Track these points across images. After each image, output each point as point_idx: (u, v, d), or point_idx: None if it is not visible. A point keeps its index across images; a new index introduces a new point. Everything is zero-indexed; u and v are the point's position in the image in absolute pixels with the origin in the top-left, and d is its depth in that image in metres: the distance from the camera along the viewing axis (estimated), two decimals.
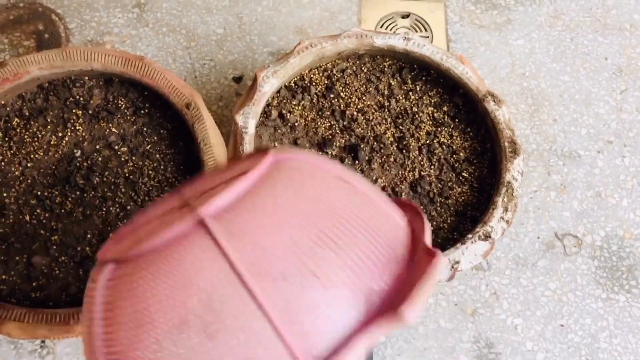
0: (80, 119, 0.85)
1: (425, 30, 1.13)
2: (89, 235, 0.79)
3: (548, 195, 1.01)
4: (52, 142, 0.83)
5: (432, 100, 0.90)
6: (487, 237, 0.77)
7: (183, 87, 0.82)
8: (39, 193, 0.80)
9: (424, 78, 0.91)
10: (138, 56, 0.83)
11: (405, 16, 1.14)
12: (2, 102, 0.84)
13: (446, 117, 0.89)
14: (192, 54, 1.07)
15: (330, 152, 0.85)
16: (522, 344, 0.90)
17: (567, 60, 1.12)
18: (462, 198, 0.84)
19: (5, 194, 0.80)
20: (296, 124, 0.87)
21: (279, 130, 0.87)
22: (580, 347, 0.90)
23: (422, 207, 0.83)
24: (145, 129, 0.84)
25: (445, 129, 0.88)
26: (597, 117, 1.07)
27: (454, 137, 0.87)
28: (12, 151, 0.82)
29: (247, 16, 1.12)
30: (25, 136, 0.83)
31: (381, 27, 1.12)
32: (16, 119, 0.84)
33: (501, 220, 0.79)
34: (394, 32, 1.10)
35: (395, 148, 0.86)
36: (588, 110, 1.08)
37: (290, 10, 1.13)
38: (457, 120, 0.89)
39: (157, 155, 0.83)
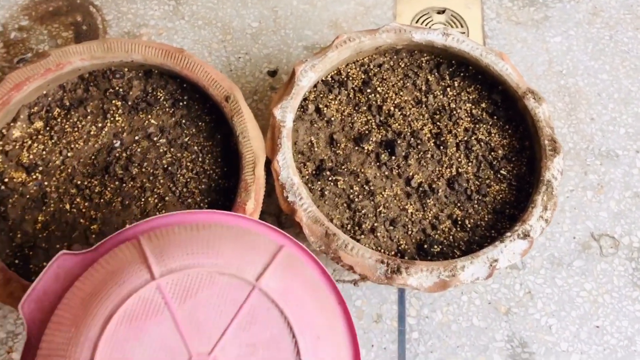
0: (120, 110, 0.85)
1: (461, 26, 1.12)
2: (127, 225, 0.79)
3: (584, 195, 0.99)
4: (92, 132, 0.84)
5: (470, 97, 0.89)
6: (526, 235, 0.77)
7: (222, 80, 0.83)
8: (78, 182, 0.82)
9: (462, 74, 0.90)
10: (178, 49, 0.84)
11: (441, 12, 1.13)
12: (44, 92, 0.85)
13: (484, 113, 0.88)
14: (228, 47, 1.08)
15: (366, 147, 0.85)
16: (556, 344, 0.89)
17: (605, 58, 1.10)
18: (500, 196, 0.83)
19: (46, 183, 0.81)
20: (332, 119, 0.87)
21: (315, 125, 0.87)
22: (616, 350, 0.88)
23: (459, 204, 0.83)
24: (183, 121, 0.85)
25: (484, 125, 0.87)
26: (636, 117, 1.05)
27: (492, 134, 0.87)
28: (53, 141, 0.83)
29: (282, 10, 1.12)
30: (66, 126, 0.84)
31: (416, 22, 1.12)
32: (57, 109, 0.85)
33: (540, 219, 0.78)
34: (430, 28, 1.09)
35: (432, 144, 0.86)
36: (627, 109, 1.06)
37: (325, 4, 1.13)
38: (495, 117, 0.88)
39: (195, 147, 0.84)
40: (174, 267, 0.46)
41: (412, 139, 0.86)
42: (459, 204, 0.83)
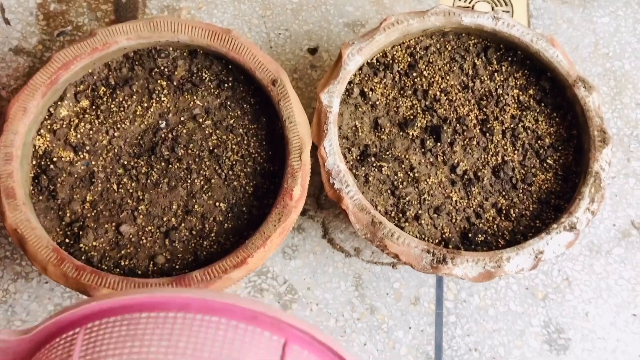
0: (165, 90, 0.85)
1: (506, 4, 1.09)
2: (174, 206, 0.80)
3: (627, 182, 0.98)
4: (137, 112, 0.84)
5: (518, 83, 0.88)
6: (572, 228, 0.76)
7: (269, 62, 0.82)
8: (125, 162, 0.82)
9: (509, 59, 0.89)
10: (225, 29, 0.83)
11: None
12: (90, 71, 0.85)
13: (532, 100, 0.87)
14: (268, 23, 1.06)
15: (411, 133, 0.85)
16: (592, 331, 0.90)
17: None
18: (546, 185, 0.83)
19: (93, 163, 0.82)
20: (377, 103, 0.86)
21: (359, 109, 0.86)
22: None
23: (504, 193, 0.82)
24: (228, 102, 0.85)
25: (531, 113, 0.86)
26: None
27: (539, 122, 0.85)
28: (99, 120, 0.84)
29: None
30: (112, 105, 0.85)
31: (459, 0, 1.09)
32: (103, 88, 0.85)
33: (587, 211, 0.78)
34: (473, 7, 1.07)
35: (478, 131, 0.85)
36: None
37: None
38: (543, 104, 0.86)
39: (241, 130, 0.84)
40: None
41: (457, 125, 0.85)
42: (503, 193, 0.82)
